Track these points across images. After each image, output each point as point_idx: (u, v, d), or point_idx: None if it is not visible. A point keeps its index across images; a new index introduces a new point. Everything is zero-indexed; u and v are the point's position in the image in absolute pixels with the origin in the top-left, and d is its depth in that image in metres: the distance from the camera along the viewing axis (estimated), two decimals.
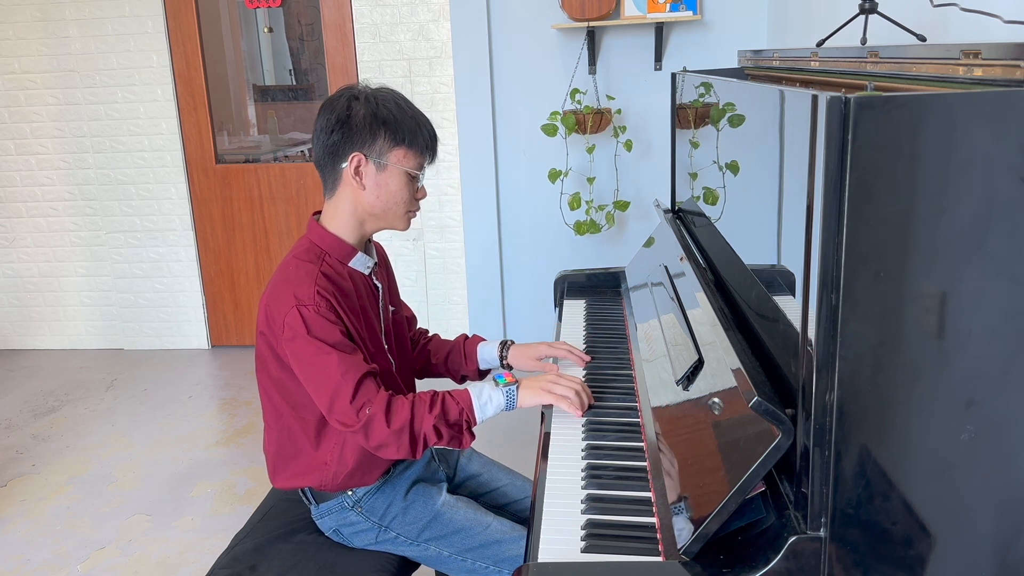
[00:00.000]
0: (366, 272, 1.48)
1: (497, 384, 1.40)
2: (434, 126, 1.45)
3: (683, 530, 1.01)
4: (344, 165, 1.39)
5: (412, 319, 1.73)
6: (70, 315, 4.12)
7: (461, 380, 1.73)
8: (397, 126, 1.38)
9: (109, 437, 3.13)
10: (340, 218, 1.43)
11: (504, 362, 1.68)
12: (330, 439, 1.44)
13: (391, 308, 1.57)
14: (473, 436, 1.38)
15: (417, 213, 1.48)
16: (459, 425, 1.36)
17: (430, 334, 1.76)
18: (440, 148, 1.48)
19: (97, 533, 2.49)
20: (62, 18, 3.73)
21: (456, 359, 1.70)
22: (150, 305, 4.05)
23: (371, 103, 1.38)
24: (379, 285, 1.51)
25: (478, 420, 1.37)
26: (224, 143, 4.00)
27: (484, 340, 1.71)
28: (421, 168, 1.43)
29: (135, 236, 3.96)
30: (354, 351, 1.35)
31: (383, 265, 1.59)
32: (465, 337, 1.72)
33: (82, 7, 3.70)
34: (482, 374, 1.72)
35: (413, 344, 1.71)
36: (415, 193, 1.45)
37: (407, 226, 1.48)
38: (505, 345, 1.69)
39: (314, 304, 1.33)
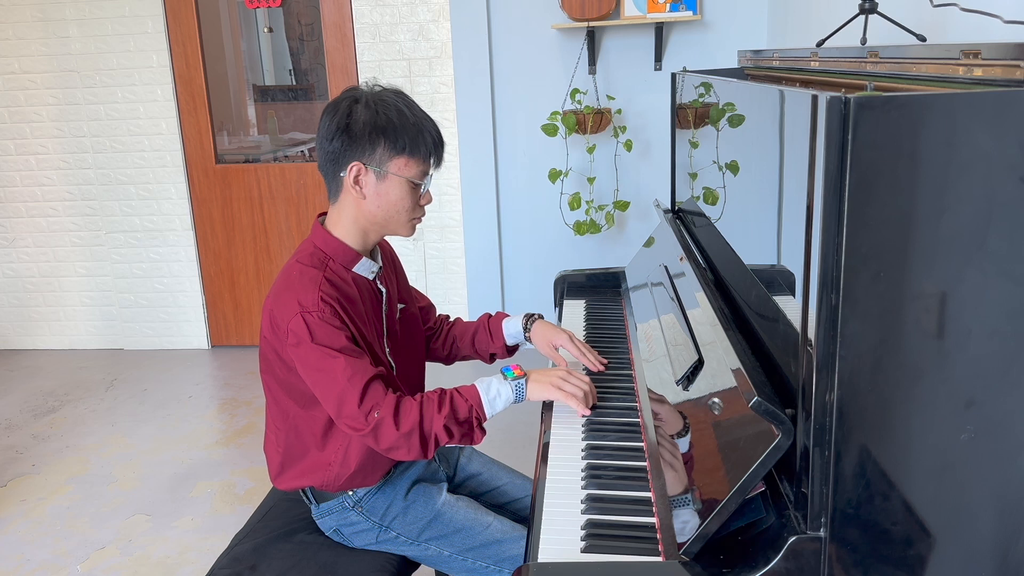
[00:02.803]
0: (370, 277, 1.46)
1: (506, 378, 1.39)
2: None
3: (683, 530, 1.02)
4: (344, 174, 1.37)
5: (429, 308, 1.71)
6: (70, 315, 4.12)
7: (491, 359, 1.72)
8: (397, 134, 1.35)
9: (109, 437, 3.13)
10: (343, 224, 1.42)
11: (526, 334, 1.66)
12: (336, 440, 1.44)
13: (400, 306, 1.56)
14: (484, 432, 1.37)
15: (423, 219, 1.47)
16: (469, 422, 1.34)
17: (452, 319, 1.74)
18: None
19: (97, 533, 2.49)
20: (62, 18, 3.73)
21: (483, 338, 1.68)
22: (150, 305, 4.05)
23: (371, 109, 1.35)
24: (383, 290, 1.50)
25: (488, 415, 1.36)
26: (224, 143, 4.00)
27: (508, 316, 1.69)
28: (424, 176, 1.40)
29: (135, 236, 3.96)
30: (361, 355, 1.33)
31: (390, 264, 1.57)
32: (488, 316, 1.70)
33: (82, 7, 3.70)
34: (510, 350, 1.70)
35: (436, 333, 1.70)
36: (419, 200, 1.42)
37: (412, 232, 1.46)
38: (531, 318, 1.66)
39: (318, 311, 1.32)
